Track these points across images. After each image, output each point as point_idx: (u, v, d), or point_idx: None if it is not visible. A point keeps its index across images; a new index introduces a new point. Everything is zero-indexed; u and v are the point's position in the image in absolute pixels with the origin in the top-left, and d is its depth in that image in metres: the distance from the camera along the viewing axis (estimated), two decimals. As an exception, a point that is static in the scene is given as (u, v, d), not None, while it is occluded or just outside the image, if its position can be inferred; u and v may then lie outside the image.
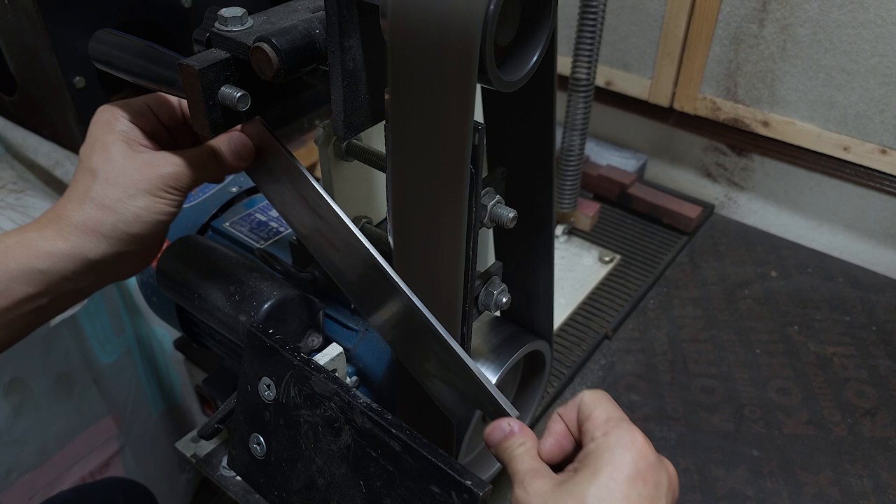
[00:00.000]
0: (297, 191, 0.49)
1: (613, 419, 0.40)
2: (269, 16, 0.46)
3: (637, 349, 1.05)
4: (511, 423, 0.43)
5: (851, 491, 0.86)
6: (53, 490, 0.83)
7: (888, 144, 1.10)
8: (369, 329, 0.63)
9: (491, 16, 0.35)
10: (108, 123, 0.47)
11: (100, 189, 0.45)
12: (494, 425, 0.43)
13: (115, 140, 0.47)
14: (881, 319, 1.09)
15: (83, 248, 0.45)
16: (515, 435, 0.42)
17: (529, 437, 0.42)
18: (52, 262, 0.44)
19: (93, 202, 0.45)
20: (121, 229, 0.45)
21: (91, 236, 0.45)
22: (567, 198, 1.21)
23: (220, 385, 0.75)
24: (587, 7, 1.01)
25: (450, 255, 0.44)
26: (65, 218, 0.45)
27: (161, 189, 0.46)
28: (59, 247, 0.44)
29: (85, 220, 0.45)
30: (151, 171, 0.46)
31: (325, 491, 0.49)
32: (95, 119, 0.48)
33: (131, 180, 0.45)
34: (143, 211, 0.46)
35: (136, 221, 0.46)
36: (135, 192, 0.45)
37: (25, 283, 0.44)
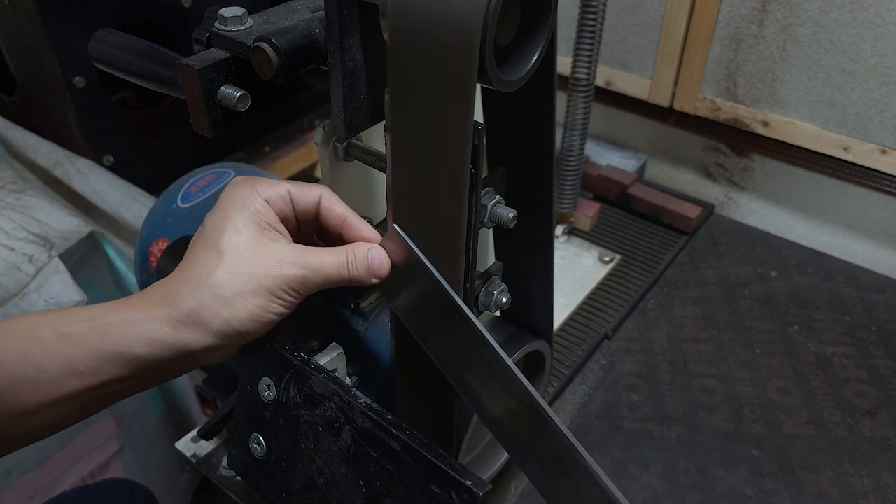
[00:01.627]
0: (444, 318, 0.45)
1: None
2: (269, 16, 0.46)
3: (637, 349, 1.05)
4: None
5: (851, 491, 0.86)
6: (53, 490, 0.83)
7: (888, 144, 1.10)
8: (369, 329, 0.63)
9: (491, 16, 0.35)
10: (245, 200, 0.43)
11: (222, 276, 0.42)
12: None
13: (249, 221, 0.43)
14: (881, 319, 1.09)
15: (188, 339, 0.41)
16: None
17: None
18: (152, 348, 0.41)
19: (211, 291, 0.41)
20: (232, 326, 0.42)
21: (199, 328, 0.41)
22: (567, 198, 1.21)
23: (220, 385, 0.75)
24: (587, 7, 1.01)
25: (450, 255, 0.44)
26: (177, 301, 0.41)
27: (283, 290, 0.43)
28: (165, 334, 0.41)
29: (198, 310, 0.41)
30: (278, 270, 0.42)
31: (325, 491, 0.49)
32: (231, 190, 0.44)
33: (255, 274, 0.42)
34: (258, 309, 0.42)
35: (249, 319, 0.42)
36: (256, 288, 0.42)
37: (119, 366, 0.41)
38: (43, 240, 0.75)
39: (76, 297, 0.73)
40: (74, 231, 0.77)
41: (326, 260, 0.44)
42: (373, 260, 0.45)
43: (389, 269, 0.46)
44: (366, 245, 0.45)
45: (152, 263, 0.71)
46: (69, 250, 0.76)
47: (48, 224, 0.77)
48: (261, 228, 0.43)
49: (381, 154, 0.54)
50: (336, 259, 0.44)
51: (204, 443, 0.62)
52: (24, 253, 0.73)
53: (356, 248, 0.45)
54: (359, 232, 0.46)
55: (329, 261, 0.44)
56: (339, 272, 0.44)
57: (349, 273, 0.45)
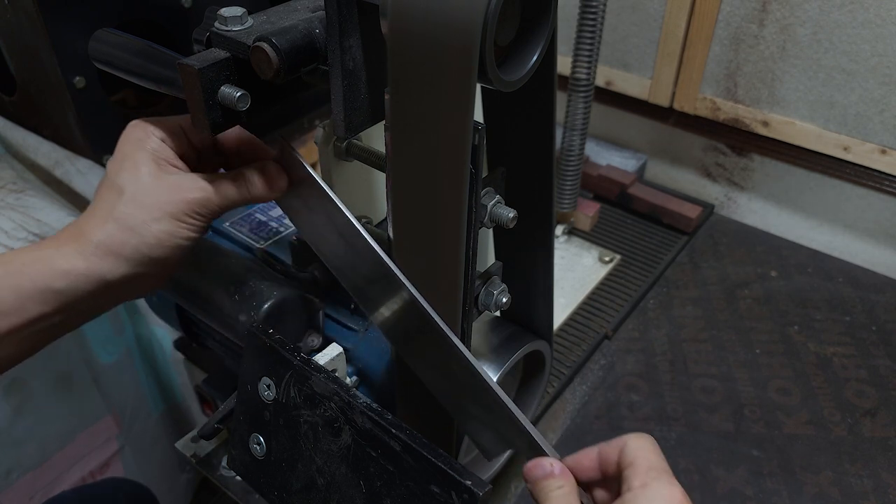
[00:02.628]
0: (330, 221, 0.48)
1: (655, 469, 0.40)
2: (269, 15, 0.46)
3: (637, 349, 1.05)
4: (554, 464, 0.43)
5: (851, 491, 0.86)
6: (53, 490, 0.83)
7: (888, 144, 1.10)
8: (369, 329, 0.63)
9: (491, 16, 0.35)
10: (140, 140, 0.46)
11: (125, 209, 0.44)
12: (536, 462, 0.43)
13: (145, 158, 0.45)
14: (881, 319, 1.09)
15: (102, 269, 0.44)
16: (556, 477, 0.42)
17: (569, 482, 0.42)
18: (68, 281, 0.43)
19: (116, 222, 0.44)
20: (142, 252, 0.44)
21: (111, 258, 0.44)
22: (567, 198, 1.21)
23: (220, 385, 0.75)
24: (587, 7, 1.01)
25: (450, 255, 0.44)
26: (86, 235, 0.44)
27: (186, 214, 0.45)
28: (78, 265, 0.43)
29: (106, 240, 0.44)
30: (179, 195, 0.45)
31: (325, 491, 0.49)
32: (126, 135, 0.47)
33: (157, 202, 0.44)
34: (165, 235, 0.44)
35: (158, 245, 0.44)
36: (160, 215, 0.44)
37: (40, 302, 0.43)
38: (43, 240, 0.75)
39: (76, 297, 0.73)
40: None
41: (224, 181, 0.47)
42: (268, 175, 0.48)
43: (286, 182, 0.48)
44: (261, 162, 0.48)
45: (152, 263, 0.71)
46: (69, 250, 0.76)
47: (48, 224, 0.77)
48: (158, 164, 0.46)
49: (381, 154, 0.54)
50: (234, 179, 0.47)
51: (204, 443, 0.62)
52: (24, 253, 0.73)
53: (252, 167, 0.48)
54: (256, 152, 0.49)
55: (227, 182, 0.47)
56: (239, 191, 0.47)
57: (248, 190, 0.47)
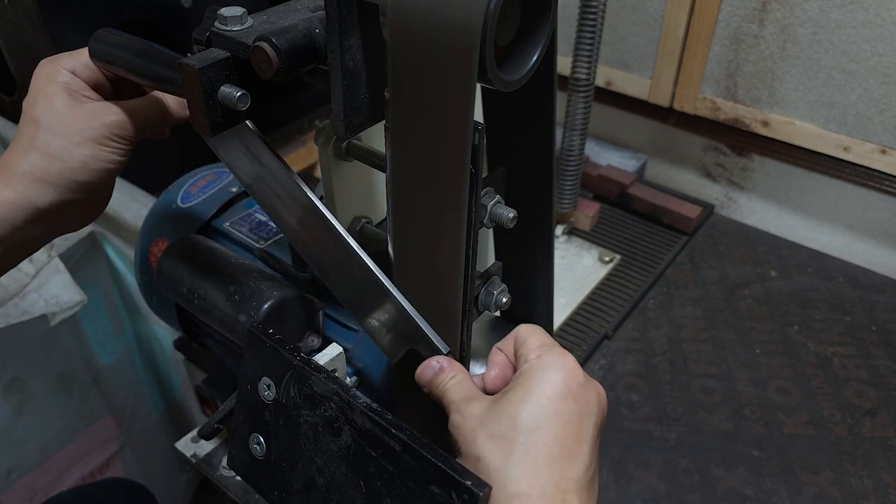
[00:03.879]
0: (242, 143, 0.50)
1: (546, 345, 0.42)
2: (269, 15, 0.46)
3: (637, 349, 1.05)
4: (440, 360, 0.44)
5: (851, 491, 0.86)
6: (53, 490, 0.83)
7: (888, 144, 1.10)
8: (369, 329, 0.63)
9: (491, 15, 0.35)
10: (50, 75, 0.47)
11: (44, 138, 0.45)
12: (424, 365, 0.45)
13: (58, 90, 0.46)
14: (881, 319, 1.09)
15: (31, 196, 0.45)
16: (445, 370, 0.44)
17: (459, 370, 0.44)
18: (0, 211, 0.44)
19: (38, 151, 0.45)
20: (67, 177, 0.45)
21: (38, 184, 0.45)
22: (567, 198, 1.21)
23: (220, 385, 0.75)
24: (587, 7, 1.01)
25: (450, 255, 0.44)
26: (10, 168, 0.45)
27: (106, 137, 0.46)
28: (7, 196, 0.44)
29: (31, 169, 0.45)
30: (95, 120, 0.46)
31: (325, 491, 0.49)
32: (37, 71, 0.48)
33: (75, 129, 0.45)
34: (88, 159, 0.46)
35: (83, 169, 0.46)
36: (79, 141, 0.45)
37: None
38: (43, 240, 0.75)
39: (76, 296, 0.73)
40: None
41: (139, 102, 0.48)
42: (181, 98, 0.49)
43: None
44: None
45: (152, 263, 0.71)
46: (69, 250, 0.76)
47: (48, 224, 0.77)
48: (72, 95, 0.47)
49: (381, 154, 0.54)
50: (147, 100, 0.49)
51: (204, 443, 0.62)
52: (24, 253, 0.73)
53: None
54: None
55: (141, 102, 0.48)
56: (154, 111, 0.49)
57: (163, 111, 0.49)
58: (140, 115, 0.48)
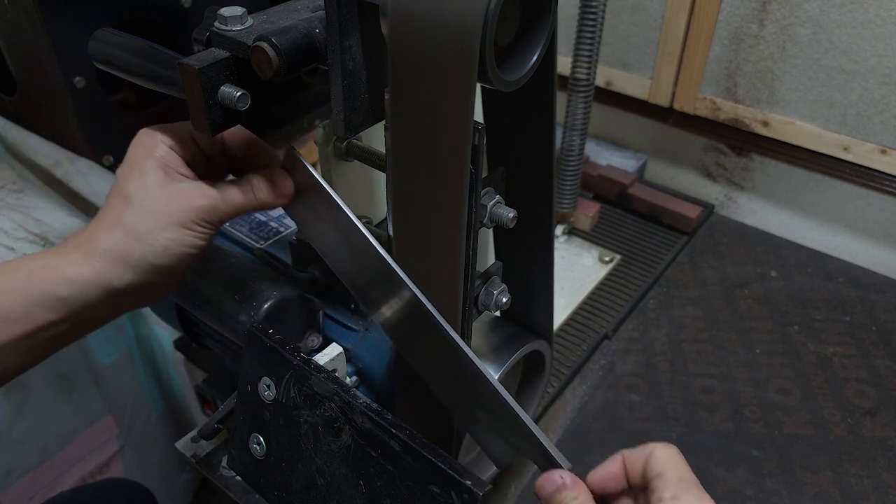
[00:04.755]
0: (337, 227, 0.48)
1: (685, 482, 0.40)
2: (269, 15, 0.46)
3: (637, 349, 1.05)
4: (563, 475, 0.42)
5: (851, 491, 0.86)
6: (53, 490, 0.83)
7: (888, 144, 1.10)
8: (369, 329, 0.63)
9: (491, 15, 0.35)
10: (148, 148, 0.46)
11: (132, 217, 0.44)
12: (546, 477, 0.43)
13: (153, 166, 0.45)
14: (881, 319, 1.09)
15: (108, 276, 0.43)
16: (568, 488, 0.42)
17: (582, 491, 0.42)
18: (75, 289, 0.43)
19: (123, 229, 0.44)
20: (148, 260, 0.44)
21: (118, 265, 0.44)
22: (567, 198, 1.21)
23: (220, 385, 0.75)
24: (587, 7, 1.01)
25: (450, 255, 0.44)
26: (93, 244, 0.44)
27: (193, 222, 0.45)
28: (84, 274, 0.43)
29: (113, 248, 0.44)
30: (185, 203, 0.45)
31: (325, 491, 0.49)
32: (136, 142, 0.47)
33: (164, 210, 0.44)
34: (172, 243, 0.45)
35: (165, 253, 0.44)
36: (167, 223, 0.44)
37: (47, 310, 0.43)
38: (43, 240, 0.75)
39: (76, 297, 0.73)
40: (74, 231, 0.77)
41: (231, 189, 0.47)
42: (275, 182, 0.48)
43: (292, 188, 0.48)
44: (268, 169, 0.48)
45: (152, 263, 0.71)
46: (69, 250, 0.76)
47: (48, 224, 0.77)
48: (166, 172, 0.46)
49: (381, 154, 0.54)
50: (240, 187, 0.47)
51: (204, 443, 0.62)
52: (25, 253, 0.73)
53: (259, 174, 0.48)
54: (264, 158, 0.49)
55: (234, 189, 0.47)
56: (246, 197, 0.47)
57: (255, 197, 0.47)
58: (230, 200, 0.46)
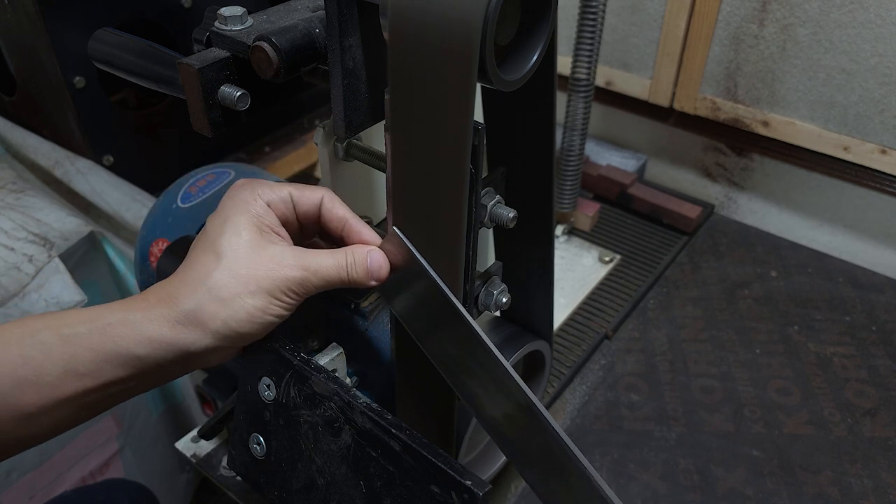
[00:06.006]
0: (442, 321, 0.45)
1: None
2: (269, 15, 0.46)
3: (637, 349, 1.05)
4: None
5: (851, 491, 0.86)
6: (54, 491, 0.83)
7: (888, 144, 1.10)
8: (369, 329, 0.63)
9: (491, 15, 0.35)
10: (245, 203, 0.44)
11: (220, 277, 0.42)
12: None
13: (248, 223, 0.43)
14: (881, 319, 1.09)
15: (187, 339, 0.42)
16: None
17: None
18: (152, 348, 0.41)
19: (209, 292, 0.41)
20: (230, 326, 0.42)
21: (198, 329, 0.42)
22: (567, 198, 1.21)
23: (220, 385, 0.75)
24: (587, 7, 1.01)
25: (450, 255, 0.44)
26: (175, 302, 0.42)
27: (282, 291, 0.43)
28: (164, 335, 0.41)
29: (196, 310, 0.41)
30: (278, 272, 0.43)
31: (325, 491, 0.49)
32: (232, 193, 0.45)
33: (255, 276, 0.42)
34: (257, 311, 0.42)
35: (248, 320, 0.42)
36: (255, 290, 0.42)
37: (118, 366, 0.41)
38: (43, 240, 0.75)
39: (76, 297, 0.73)
40: (74, 231, 0.77)
41: (326, 262, 0.44)
42: (372, 262, 0.45)
43: (388, 271, 0.46)
44: (365, 247, 0.46)
45: (152, 263, 0.71)
46: (69, 250, 0.76)
47: (48, 224, 0.77)
48: (261, 231, 0.44)
49: (381, 154, 0.54)
50: (335, 261, 0.44)
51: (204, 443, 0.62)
52: (24, 253, 0.73)
53: (355, 251, 0.45)
54: (359, 235, 0.46)
55: (328, 263, 0.44)
56: (339, 274, 0.45)
57: (348, 275, 0.45)
58: (323, 274, 0.44)
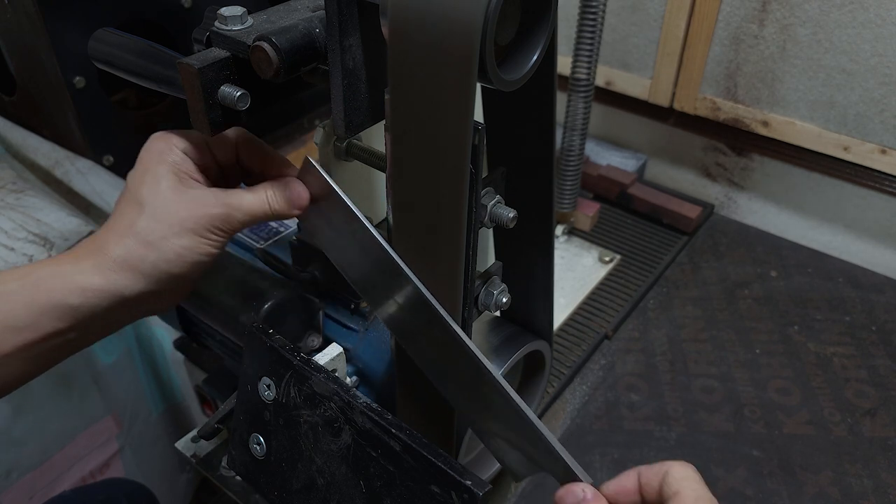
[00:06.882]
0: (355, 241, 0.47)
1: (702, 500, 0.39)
2: (269, 15, 0.46)
3: (637, 349, 1.05)
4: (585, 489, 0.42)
5: (851, 491, 0.85)
6: (54, 490, 0.83)
7: (888, 144, 1.10)
8: (369, 329, 0.63)
9: (491, 15, 0.35)
10: (162, 153, 0.45)
11: (145, 224, 0.43)
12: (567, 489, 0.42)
13: (166, 172, 0.44)
14: (881, 319, 1.09)
15: (119, 284, 0.43)
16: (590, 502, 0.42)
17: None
18: (85, 297, 0.42)
19: (136, 237, 0.43)
20: (161, 268, 0.43)
21: (129, 273, 0.43)
22: (567, 198, 1.21)
23: (220, 385, 0.75)
24: (587, 7, 1.01)
25: (450, 255, 0.44)
26: (104, 251, 0.43)
27: (206, 229, 0.44)
28: (95, 282, 0.42)
29: (125, 256, 0.43)
30: (200, 210, 0.44)
31: (325, 491, 0.49)
32: (148, 146, 0.46)
33: (178, 217, 0.43)
34: (185, 251, 0.44)
35: (178, 261, 0.44)
36: (180, 230, 0.43)
37: (55, 318, 0.42)
38: (43, 240, 0.75)
39: (76, 296, 0.73)
40: (74, 231, 0.77)
41: (247, 197, 0.46)
42: (291, 192, 0.47)
43: (308, 199, 0.48)
44: (284, 179, 0.47)
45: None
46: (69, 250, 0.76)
47: (48, 224, 0.77)
48: (179, 178, 0.45)
49: (381, 154, 0.54)
50: (256, 196, 0.46)
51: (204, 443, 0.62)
52: (24, 253, 0.73)
53: (274, 183, 0.47)
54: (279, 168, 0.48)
55: (249, 198, 0.46)
56: (261, 207, 0.46)
57: (270, 207, 0.47)
58: (245, 208, 0.46)
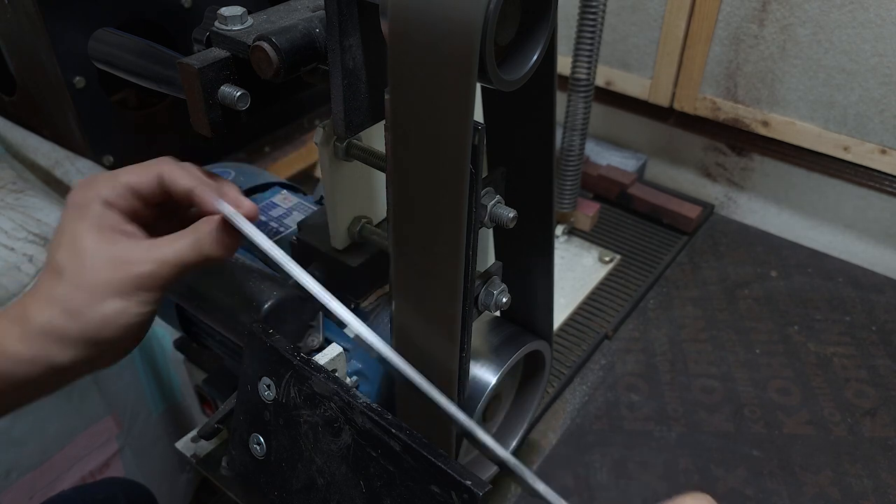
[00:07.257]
0: None
1: None
2: (269, 15, 0.46)
3: (637, 349, 1.05)
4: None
5: (851, 491, 0.86)
6: (53, 490, 0.83)
7: (888, 144, 1.10)
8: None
9: (491, 15, 0.35)
10: (80, 207, 0.41)
11: (64, 291, 0.40)
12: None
13: (86, 229, 0.41)
14: (881, 319, 1.09)
15: (48, 354, 0.40)
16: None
17: None
18: (14, 365, 0.39)
19: (56, 306, 0.40)
20: (88, 335, 0.40)
21: (56, 343, 0.40)
22: (567, 198, 1.21)
23: (220, 385, 0.75)
24: (587, 7, 1.01)
25: (450, 255, 0.44)
26: (28, 319, 0.40)
27: (135, 289, 0.41)
28: (21, 352, 0.39)
29: (48, 325, 0.39)
30: (124, 270, 0.40)
31: (325, 491, 0.49)
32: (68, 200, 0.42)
33: (100, 280, 0.40)
34: (114, 315, 0.40)
35: (106, 327, 0.40)
36: (103, 296, 0.40)
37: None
38: (43, 240, 0.75)
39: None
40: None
41: (175, 246, 0.42)
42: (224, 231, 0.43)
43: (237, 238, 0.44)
44: (213, 219, 0.43)
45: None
46: (69, 250, 0.76)
47: (48, 224, 0.77)
48: (102, 233, 0.41)
49: (381, 154, 0.54)
50: (185, 243, 0.42)
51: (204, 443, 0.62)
52: (24, 253, 0.73)
53: (200, 226, 0.43)
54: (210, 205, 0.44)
55: (178, 246, 0.42)
56: (192, 255, 0.42)
57: (201, 253, 0.43)
58: (175, 261, 0.42)
